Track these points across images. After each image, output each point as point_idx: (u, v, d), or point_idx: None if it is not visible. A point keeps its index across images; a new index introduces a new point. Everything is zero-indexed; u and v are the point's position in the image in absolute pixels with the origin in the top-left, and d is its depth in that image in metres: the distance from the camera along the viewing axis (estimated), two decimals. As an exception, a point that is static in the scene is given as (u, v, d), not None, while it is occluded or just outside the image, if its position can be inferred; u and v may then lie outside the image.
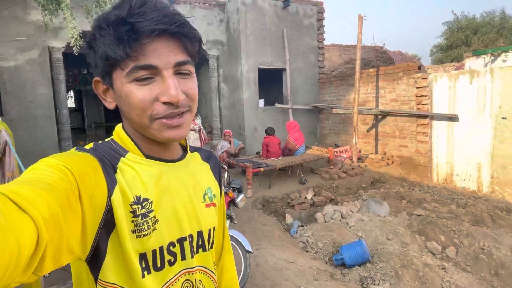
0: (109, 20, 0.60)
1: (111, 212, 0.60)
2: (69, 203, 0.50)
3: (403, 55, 15.64)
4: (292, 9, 8.94)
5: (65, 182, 0.51)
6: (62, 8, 4.99)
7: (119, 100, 0.65)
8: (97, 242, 0.59)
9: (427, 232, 4.66)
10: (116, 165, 0.65)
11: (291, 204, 5.59)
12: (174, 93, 0.61)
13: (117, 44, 0.58)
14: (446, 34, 19.65)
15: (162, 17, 0.59)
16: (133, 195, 0.63)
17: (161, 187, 0.68)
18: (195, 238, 0.73)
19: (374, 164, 7.30)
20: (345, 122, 8.80)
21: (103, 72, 0.64)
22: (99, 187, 0.58)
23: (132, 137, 0.70)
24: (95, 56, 0.63)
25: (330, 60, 13.73)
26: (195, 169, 0.79)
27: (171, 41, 0.62)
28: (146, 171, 0.67)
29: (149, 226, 0.64)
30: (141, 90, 0.61)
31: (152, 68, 0.61)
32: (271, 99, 10.35)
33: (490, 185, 5.88)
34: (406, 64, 7.36)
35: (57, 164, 0.54)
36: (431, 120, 6.71)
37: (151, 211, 0.65)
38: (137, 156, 0.68)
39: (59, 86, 7.35)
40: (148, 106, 0.62)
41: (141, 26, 0.58)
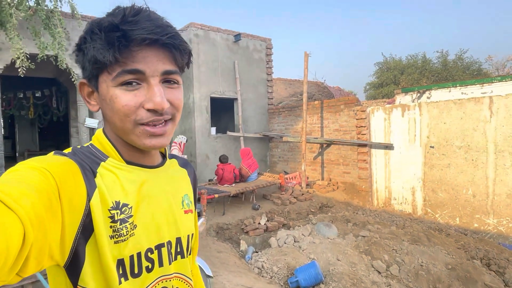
0: (101, 25, 0.60)
1: (89, 217, 0.59)
2: (50, 205, 0.50)
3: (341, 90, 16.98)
4: (243, 43, 9.39)
5: (46, 184, 0.51)
6: (7, 28, 4.77)
7: (103, 104, 0.65)
8: (76, 247, 0.58)
9: (372, 251, 4.99)
10: (95, 170, 0.64)
11: (245, 230, 5.64)
12: (159, 100, 0.62)
13: (107, 48, 0.59)
14: (377, 73, 21.79)
15: (155, 27, 0.60)
16: (112, 200, 0.63)
17: (141, 193, 0.68)
18: (173, 244, 0.73)
19: (321, 189, 7.68)
20: (293, 150, 9.21)
21: (90, 75, 0.64)
22: (78, 191, 0.58)
23: (113, 142, 0.69)
24: (84, 59, 0.64)
25: (276, 93, 14.43)
26: (173, 176, 0.79)
27: (161, 50, 0.63)
28: (126, 176, 0.67)
29: (127, 232, 0.64)
30: (126, 95, 0.62)
31: (139, 73, 0.61)
32: (222, 127, 10.52)
33: (423, 207, 6.51)
34: (347, 98, 8.06)
35: (38, 167, 0.53)
36: (370, 149, 7.33)
37: (130, 216, 0.65)
38: (118, 162, 0.68)
39: (-7, 109, 6.78)
40: (132, 112, 0.62)
41: (132, 34, 0.59)
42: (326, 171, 8.35)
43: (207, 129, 8.72)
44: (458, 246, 5.41)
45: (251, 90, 9.57)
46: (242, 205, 6.57)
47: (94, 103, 0.68)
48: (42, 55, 5.35)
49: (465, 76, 18.22)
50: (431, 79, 19.13)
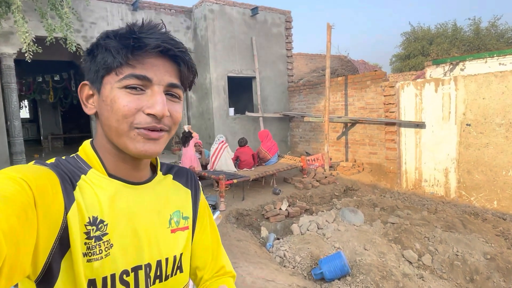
0: (117, 32, 0.63)
1: (66, 231, 0.58)
2: (26, 217, 0.48)
3: (366, 64, 16.17)
4: (260, 17, 8.88)
5: (22, 195, 0.50)
6: (13, 10, 4.55)
7: (102, 105, 0.64)
8: (50, 262, 0.56)
9: (403, 240, 4.66)
10: (76, 182, 0.63)
11: (266, 216, 5.42)
12: (160, 108, 0.62)
13: (120, 49, 0.60)
14: (404, 44, 20.62)
15: (169, 39, 0.63)
16: (89, 215, 0.61)
17: (119, 210, 0.65)
18: (153, 267, 0.69)
19: (345, 171, 7.32)
20: (315, 130, 8.81)
21: (95, 76, 0.64)
22: (56, 203, 0.56)
23: (100, 152, 0.68)
24: (92, 61, 0.65)
25: (297, 69, 13.87)
26: (163, 192, 0.75)
27: (170, 63, 0.65)
28: (105, 191, 0.65)
29: (101, 251, 0.62)
30: (129, 97, 0.62)
31: (146, 79, 0.62)
32: (241, 107, 10.20)
33: (457, 190, 6.05)
34: (373, 73, 7.50)
35: (15, 177, 0.52)
36: (399, 128, 6.84)
37: (105, 234, 0.62)
38: (99, 174, 0.66)
39: (10, 95, 6.73)
40: (131, 114, 0.62)
41: (147, 40, 0.61)
42: (351, 151, 7.94)
43: (225, 110, 8.43)
44: (497, 232, 4.99)
45: (270, 67, 9.12)
46: (262, 190, 6.33)
47: (91, 106, 0.68)
48: (51, 37, 5.14)
49: (499, 45, 16.95)
50: (462, 48, 17.91)
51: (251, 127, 8.75)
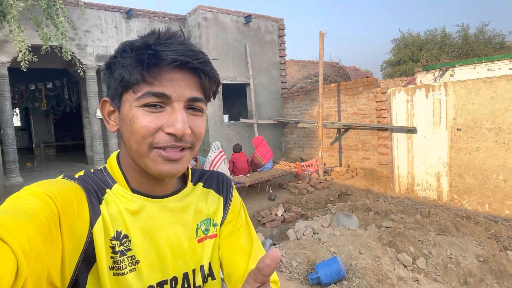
0: (134, 45, 0.59)
1: (92, 245, 0.58)
2: (50, 233, 0.49)
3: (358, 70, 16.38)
4: (253, 25, 8.99)
5: (46, 211, 0.50)
6: (8, 20, 4.57)
7: (122, 124, 0.63)
8: (77, 275, 0.56)
9: (397, 243, 4.73)
10: (102, 196, 0.63)
11: (262, 222, 5.45)
12: (180, 127, 0.59)
13: (136, 66, 0.57)
14: (394, 51, 20.97)
15: (187, 51, 0.59)
16: (114, 230, 0.61)
17: (142, 226, 0.64)
18: (179, 281, 0.68)
19: (339, 176, 7.40)
20: (309, 136, 8.89)
21: (114, 93, 0.63)
22: (81, 217, 0.57)
23: (124, 167, 0.67)
24: (110, 77, 0.62)
25: (290, 75, 14.00)
26: (192, 202, 0.73)
27: (190, 75, 0.61)
28: (129, 206, 0.64)
29: (126, 266, 0.62)
30: (148, 117, 0.59)
31: (165, 97, 0.59)
32: (235, 114, 10.26)
33: (449, 193, 6.16)
34: (365, 79, 7.63)
35: (40, 193, 0.52)
36: (391, 133, 6.96)
37: (129, 249, 0.62)
38: (123, 189, 0.65)
39: (4, 104, 6.70)
40: (150, 134, 0.59)
41: (163, 54, 0.57)
42: (344, 157, 8.03)
43: (219, 116, 8.48)
44: (489, 235, 5.08)
45: (264, 74, 9.22)
46: (258, 196, 6.37)
47: (113, 123, 0.66)
48: (46, 46, 5.15)
49: (487, 50, 17.32)
50: (451, 54, 18.27)
51: (246, 134, 8.81)
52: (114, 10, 7.80)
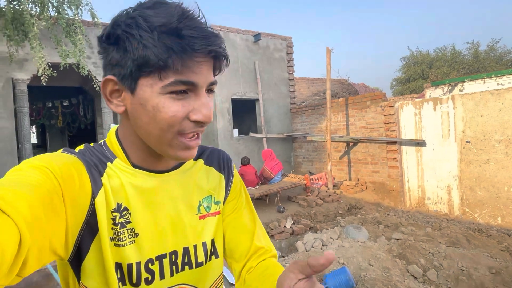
0: (152, 23, 0.54)
1: (94, 216, 0.59)
2: (52, 203, 0.49)
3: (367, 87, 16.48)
4: (262, 43, 9.24)
5: (47, 183, 0.50)
6: (30, 38, 4.85)
7: (139, 109, 0.59)
8: (79, 244, 0.58)
9: (407, 255, 4.67)
10: (103, 169, 0.63)
11: (271, 234, 5.45)
12: (208, 113, 0.59)
13: (167, 52, 0.53)
14: (403, 68, 21.05)
15: (214, 37, 0.57)
16: (115, 202, 0.62)
17: (143, 199, 0.65)
18: (180, 255, 0.69)
19: (349, 190, 7.38)
20: (318, 150, 8.94)
21: (128, 73, 0.57)
22: (83, 189, 0.57)
23: (124, 144, 0.66)
24: (123, 55, 0.56)
25: (299, 92, 14.17)
26: (192, 178, 0.73)
27: (211, 60, 0.60)
28: (130, 180, 0.64)
29: (126, 237, 0.62)
30: (174, 105, 0.57)
31: (193, 85, 0.58)
32: (245, 128, 10.41)
33: (460, 207, 6.08)
34: (373, 94, 7.71)
35: (40, 166, 0.52)
36: (400, 146, 6.96)
37: (129, 222, 0.63)
38: (124, 164, 0.65)
39: (22, 119, 6.98)
40: (178, 123, 0.58)
41: (195, 43, 0.54)
42: (354, 170, 8.02)
43: (229, 131, 8.62)
44: (502, 248, 4.98)
45: (273, 90, 9.40)
46: (267, 208, 6.39)
47: (118, 103, 0.62)
48: (65, 62, 5.42)
49: (498, 67, 17.25)
50: (461, 71, 18.25)
51: (255, 148, 8.91)
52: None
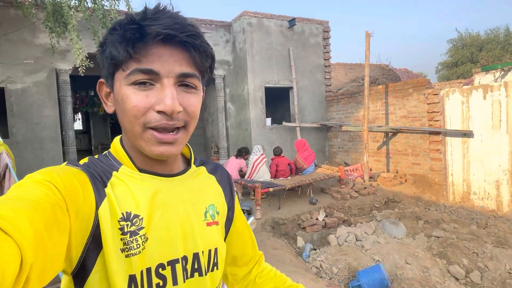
0: (122, 22, 0.58)
1: (99, 228, 0.57)
2: (55, 218, 0.48)
3: (409, 72, 15.60)
4: (297, 28, 8.95)
5: (50, 197, 0.50)
6: (69, 29, 5.00)
7: (116, 104, 0.62)
8: (84, 259, 0.57)
9: (449, 255, 4.38)
10: (107, 180, 0.62)
11: (302, 226, 5.35)
12: (169, 103, 0.57)
13: (121, 42, 0.57)
14: (451, 52, 19.66)
15: (173, 24, 0.57)
16: (122, 211, 0.60)
17: (154, 203, 0.64)
18: (190, 260, 0.67)
19: (386, 183, 7.06)
20: (354, 140, 8.61)
21: (107, 73, 0.62)
22: (87, 201, 0.56)
23: (127, 149, 0.67)
24: (102, 56, 0.62)
25: (336, 79, 13.71)
26: (198, 184, 0.73)
27: (179, 50, 0.59)
28: (139, 185, 0.64)
29: (139, 245, 0.60)
30: (137, 96, 0.58)
31: (153, 73, 0.58)
32: (278, 117, 10.25)
33: (510, 203, 5.60)
34: (416, 80, 7.24)
35: (42, 180, 0.52)
36: (444, 137, 6.51)
37: (141, 228, 0.61)
38: (130, 170, 0.65)
39: (65, 108, 7.32)
40: (141, 114, 0.58)
41: (148, 28, 0.56)
42: (392, 162, 7.65)
43: (262, 120, 8.52)
44: (558, 251, 4.52)
45: (307, 77, 9.12)
46: (299, 199, 6.27)
47: (110, 104, 0.66)
48: (101, 53, 5.54)
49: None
50: (516, 54, 16.70)
51: (288, 137, 8.75)
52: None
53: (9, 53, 6.58)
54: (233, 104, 9.12)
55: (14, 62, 6.61)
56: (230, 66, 9.01)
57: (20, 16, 6.38)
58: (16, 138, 6.76)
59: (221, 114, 9.05)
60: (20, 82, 6.76)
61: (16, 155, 6.67)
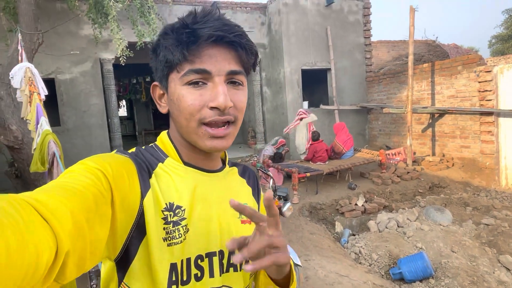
0: (174, 26, 0.63)
1: (143, 217, 0.60)
2: (96, 208, 0.50)
3: (459, 48, 14.49)
4: (336, 6, 8.58)
5: (96, 186, 0.52)
6: (109, 20, 5.16)
7: (171, 104, 0.67)
8: (127, 245, 0.60)
9: (499, 244, 4.12)
10: (152, 170, 0.65)
11: (341, 211, 5.27)
12: (222, 100, 0.62)
13: (176, 46, 0.61)
14: (506, 23, 17.97)
15: (222, 25, 0.61)
16: (165, 202, 0.63)
17: (195, 196, 0.67)
18: (226, 255, 0.70)
19: (431, 167, 6.71)
20: (397, 122, 8.23)
21: (161, 75, 0.66)
22: (133, 191, 0.59)
23: (175, 143, 0.71)
24: (156, 60, 0.66)
25: (377, 58, 13.07)
26: (232, 183, 0.77)
27: (227, 49, 0.63)
28: (182, 178, 0.67)
29: (180, 235, 0.63)
30: (192, 94, 0.63)
31: (205, 72, 0.62)
32: (315, 100, 10.03)
33: None
34: (465, 57, 6.70)
35: (93, 167, 0.55)
36: (497, 118, 6.01)
37: (184, 219, 0.64)
38: (176, 162, 0.69)
39: (110, 96, 7.68)
40: (197, 111, 0.63)
41: (200, 31, 0.60)
42: (438, 145, 7.24)
43: (298, 103, 8.37)
44: None
45: (346, 57, 8.77)
46: (337, 184, 6.16)
47: (164, 104, 0.70)
48: (140, 42, 5.69)
49: None
50: None
51: (326, 121, 8.55)
52: (200, 3, 8.23)
53: (57, 45, 6.97)
54: (269, 88, 9.04)
55: (62, 54, 7.00)
56: (265, 49, 8.89)
57: (66, 9, 6.70)
58: (67, 126, 7.23)
59: (258, 99, 9.01)
60: (68, 73, 7.16)
61: (67, 142, 7.16)
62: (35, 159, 2.16)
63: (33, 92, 2.79)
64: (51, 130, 2.34)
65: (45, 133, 2.20)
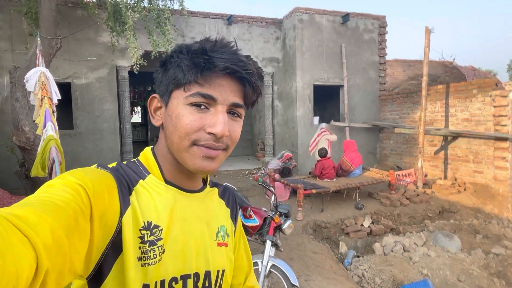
0: (190, 48, 0.64)
1: (120, 235, 0.59)
2: (76, 224, 0.49)
3: (476, 70, 14.29)
4: (351, 24, 8.60)
5: (76, 201, 0.51)
6: (126, 29, 5.29)
7: (168, 119, 0.67)
8: (101, 263, 0.58)
9: (509, 275, 3.95)
10: (133, 187, 0.65)
11: (346, 231, 5.16)
12: (221, 128, 0.63)
13: (191, 67, 0.63)
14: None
15: (238, 61, 0.64)
16: (144, 220, 0.63)
17: (173, 216, 0.67)
18: (201, 278, 0.69)
19: (442, 191, 6.54)
20: (409, 142, 8.10)
21: (165, 90, 0.67)
22: (112, 207, 0.58)
23: (159, 159, 0.71)
24: (164, 74, 0.68)
25: (392, 76, 12.98)
26: (211, 204, 0.78)
27: (236, 83, 0.66)
28: (162, 196, 0.67)
29: (155, 255, 0.63)
30: (193, 115, 0.64)
31: (211, 99, 0.64)
32: (326, 116, 9.99)
33: None
34: (481, 80, 6.58)
35: (73, 182, 0.54)
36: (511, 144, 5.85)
37: (160, 239, 0.64)
38: (157, 180, 0.68)
39: (124, 102, 7.80)
40: (193, 132, 0.64)
41: (217, 61, 0.62)
42: (451, 168, 7.07)
43: (309, 119, 8.34)
44: None
45: (360, 75, 8.74)
46: (343, 203, 6.06)
47: (158, 118, 0.71)
48: (155, 52, 5.80)
49: None
50: None
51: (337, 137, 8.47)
52: (217, 17, 8.37)
53: (75, 50, 7.17)
54: (280, 102, 9.05)
55: (79, 59, 7.18)
56: (279, 64, 8.94)
57: (85, 16, 6.90)
58: (80, 129, 7.36)
59: (268, 112, 9.02)
60: (84, 78, 7.33)
61: (79, 145, 7.29)
62: (37, 163, 2.19)
63: (44, 97, 2.85)
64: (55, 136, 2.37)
65: (48, 138, 2.23)
